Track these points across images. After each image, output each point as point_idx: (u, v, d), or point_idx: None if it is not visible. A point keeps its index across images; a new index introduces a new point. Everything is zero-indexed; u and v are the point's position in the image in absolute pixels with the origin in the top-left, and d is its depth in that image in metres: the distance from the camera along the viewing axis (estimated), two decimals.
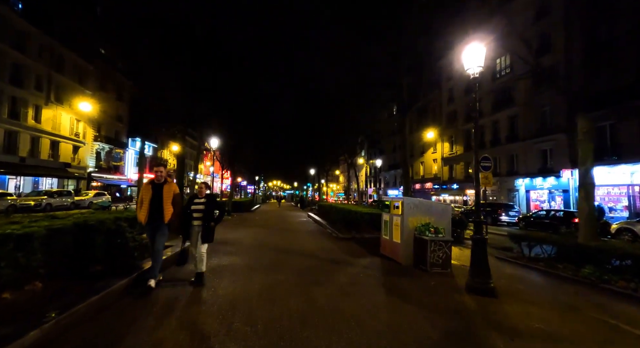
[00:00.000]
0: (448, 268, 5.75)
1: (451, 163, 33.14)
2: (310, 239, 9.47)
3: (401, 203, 6.34)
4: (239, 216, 18.39)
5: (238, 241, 8.54)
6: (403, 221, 6.25)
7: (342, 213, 11.82)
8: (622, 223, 12.31)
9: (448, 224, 6.34)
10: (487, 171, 10.01)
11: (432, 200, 24.11)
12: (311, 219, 17.31)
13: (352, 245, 8.43)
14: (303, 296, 4.03)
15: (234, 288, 4.19)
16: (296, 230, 11.97)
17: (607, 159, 17.23)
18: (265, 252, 7.01)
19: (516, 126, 24.26)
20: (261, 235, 10.17)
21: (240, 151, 23.50)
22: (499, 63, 26.32)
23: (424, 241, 5.81)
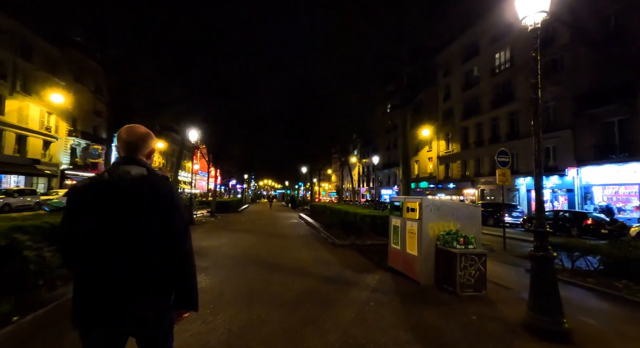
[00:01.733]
0: (483, 289, 4.40)
1: (447, 162, 32.17)
2: (303, 247, 8.02)
3: (418, 205, 4.96)
4: (224, 217, 16.79)
5: (214, 250, 7.03)
6: (421, 227, 4.87)
7: (339, 214, 10.41)
8: None
9: (478, 231, 5.00)
10: (504, 167, 8.76)
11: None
12: (303, 221, 15.86)
13: (353, 255, 7.02)
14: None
15: (185, 342, 2.71)
16: (286, 234, 10.50)
17: (616, 157, 16.34)
18: (245, 268, 5.52)
19: (517, 123, 23.34)
20: (244, 241, 8.67)
21: (228, 148, 21.86)
22: (499, 57, 25.38)
23: (452, 255, 4.44)
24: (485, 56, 26.60)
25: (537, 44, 3.57)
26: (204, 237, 8.89)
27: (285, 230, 11.96)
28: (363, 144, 51.76)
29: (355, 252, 7.31)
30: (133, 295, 1.20)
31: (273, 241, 8.80)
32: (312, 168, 34.89)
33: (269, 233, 10.80)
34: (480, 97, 27.17)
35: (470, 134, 28.37)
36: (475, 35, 27.41)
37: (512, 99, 23.51)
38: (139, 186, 1.26)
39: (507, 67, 24.23)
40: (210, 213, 17.48)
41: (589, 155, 17.70)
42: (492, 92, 25.72)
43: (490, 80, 25.98)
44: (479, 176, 27.02)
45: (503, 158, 8.80)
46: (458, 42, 28.70)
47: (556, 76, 20.04)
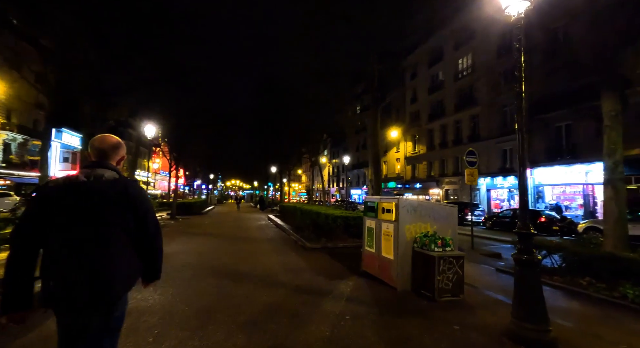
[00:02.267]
0: (460, 293, 4.21)
1: (414, 163, 33.17)
2: (271, 252, 7.46)
3: (395, 206, 4.67)
4: (186, 220, 15.59)
5: (168, 259, 6.24)
6: (398, 229, 4.59)
7: (310, 216, 9.98)
8: (589, 222, 12.21)
9: (454, 232, 4.83)
10: (472, 167, 8.90)
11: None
12: (272, 223, 15.20)
13: (325, 259, 6.61)
14: None
15: None
16: (253, 238, 9.84)
17: (564, 159, 17.73)
18: (204, 279, 4.87)
19: (478, 125, 24.57)
20: (206, 247, 7.90)
21: (191, 146, 20.47)
22: (461, 63, 26.61)
23: (430, 259, 4.20)
24: (449, 61, 27.76)
25: (522, 35, 3.39)
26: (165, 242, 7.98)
27: (253, 232, 11.28)
28: (333, 145, 51.99)
29: (327, 256, 6.91)
30: (105, 280, 1.37)
31: (238, 246, 8.13)
32: (282, 168, 34.13)
33: (235, 236, 10.06)
34: (444, 100, 28.32)
35: (436, 136, 29.46)
36: (441, 41, 28.52)
37: (474, 103, 24.72)
38: (113, 188, 1.46)
39: (469, 73, 25.46)
40: (170, 216, 16.16)
41: (541, 157, 19.04)
42: (456, 96, 26.91)
43: (454, 84, 27.15)
44: (444, 176, 28.12)
45: (471, 158, 8.94)
46: (424, 47, 29.71)
47: (513, 83, 21.30)
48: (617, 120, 5.30)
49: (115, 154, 1.62)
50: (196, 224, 13.97)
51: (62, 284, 1.32)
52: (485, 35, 23.61)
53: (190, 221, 15.05)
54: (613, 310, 4.01)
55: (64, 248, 1.34)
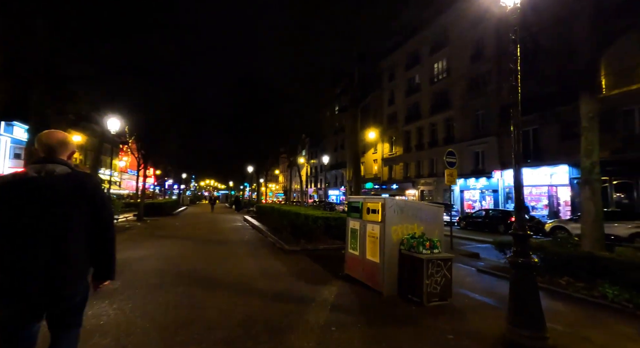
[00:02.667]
0: (448, 297, 4.05)
1: (391, 164, 33.68)
2: (247, 255, 7.00)
3: (381, 206, 4.44)
4: (155, 222, 14.58)
5: (131, 265, 5.61)
6: (384, 231, 4.36)
7: (288, 216, 9.59)
8: (556, 222, 12.84)
9: (441, 233, 4.69)
10: (452, 167, 8.96)
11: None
12: (248, 224, 14.60)
13: (305, 262, 6.28)
14: None
15: None
16: (228, 240, 9.28)
17: (531, 162, 18.66)
18: (172, 288, 4.35)
19: (452, 128, 25.32)
20: (175, 251, 7.28)
21: (162, 143, 19.26)
22: (437, 67, 27.36)
23: (418, 262, 4.00)
24: (425, 64, 28.44)
25: (517, 26, 3.25)
26: (122, 247, 7.22)
27: (228, 234, 10.68)
28: (311, 145, 51.75)
29: (307, 258, 6.58)
30: (56, 272, 1.40)
31: (212, 250, 7.57)
32: (259, 167, 33.29)
33: (208, 239, 9.43)
34: (421, 103, 28.97)
35: (412, 137, 30.07)
36: (418, 45, 29.22)
37: (449, 107, 25.47)
38: (66, 182, 1.48)
39: (445, 77, 26.22)
40: (137, 217, 15.04)
41: (510, 159, 19.85)
42: (432, 99, 27.61)
43: (430, 87, 27.85)
44: (419, 178, 28.75)
45: (451, 159, 9.00)
46: (402, 50, 30.29)
47: (485, 88, 22.20)
48: (594, 122, 5.44)
49: (64, 149, 1.59)
50: (166, 226, 13.07)
51: (17, 278, 1.35)
52: (459, 42, 24.42)
53: (160, 223, 14.08)
54: (595, 310, 4.02)
55: (17, 244, 1.36)
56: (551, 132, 17.59)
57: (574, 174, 16.37)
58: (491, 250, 8.63)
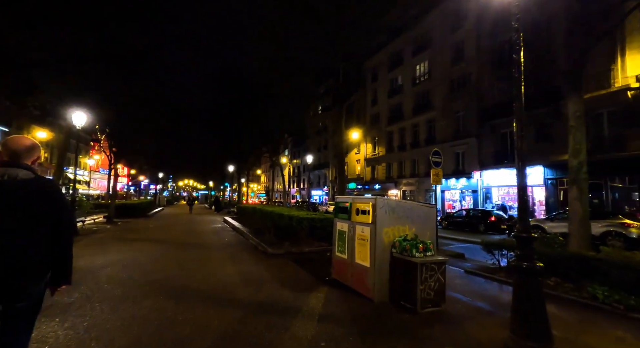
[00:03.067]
0: (442, 303, 3.84)
1: (373, 164, 33.84)
2: (227, 259, 6.54)
3: (372, 207, 4.18)
4: (126, 224, 13.65)
5: (94, 273, 5.03)
6: (375, 233, 4.09)
7: (271, 218, 9.18)
8: (533, 221, 13.19)
9: (433, 235, 4.49)
10: (437, 167, 8.90)
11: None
12: (228, 225, 14.00)
13: (290, 267, 5.92)
14: None
15: None
16: (206, 244, 8.73)
17: (509, 162, 19.23)
18: (139, 300, 3.86)
19: (434, 129, 25.72)
20: (147, 256, 6.69)
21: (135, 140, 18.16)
22: (419, 69, 27.73)
23: (411, 266, 3.76)
24: (408, 66, 28.77)
25: (519, 14, 3.07)
26: (86, 253, 6.54)
27: (206, 237, 10.10)
28: (294, 145, 51.25)
29: (291, 263, 6.22)
30: (15, 273, 1.45)
31: (188, 254, 7.03)
32: (240, 167, 32.42)
33: (184, 242, 8.83)
34: (403, 104, 29.28)
35: (395, 138, 30.33)
36: (401, 46, 29.52)
37: (430, 108, 25.86)
38: (28, 188, 1.54)
39: (426, 78, 26.61)
40: (107, 219, 14.03)
41: (490, 160, 20.42)
42: (414, 100, 27.95)
43: (412, 89, 28.19)
44: (402, 178, 29.03)
45: (437, 158, 8.94)
46: (385, 50, 30.49)
47: (465, 90, 22.68)
48: (581, 121, 5.47)
49: (29, 155, 1.65)
50: (139, 228, 12.24)
51: None
52: (441, 44, 24.86)
53: (132, 225, 13.19)
54: (587, 312, 3.95)
55: None
56: (528, 134, 18.14)
57: (549, 175, 17.00)
58: (475, 250, 8.65)
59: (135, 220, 15.91)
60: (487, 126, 20.60)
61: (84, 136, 44.04)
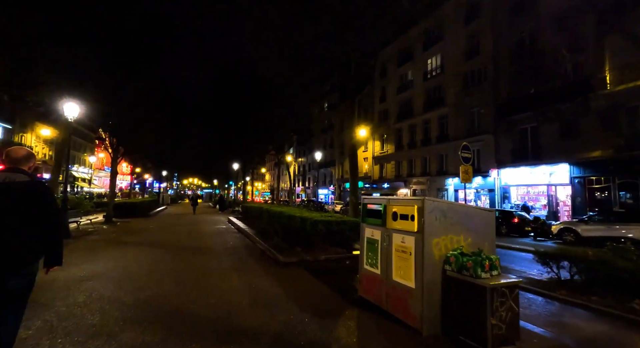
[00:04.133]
0: (516, 340, 2.90)
1: (382, 162, 32.83)
2: (232, 270, 5.65)
3: (417, 210, 3.24)
4: (125, 224, 12.88)
5: (75, 286, 4.17)
6: (423, 245, 3.16)
7: (279, 219, 8.28)
8: (564, 223, 12.11)
9: (493, 247, 3.54)
10: (467, 163, 7.92)
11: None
12: (233, 226, 13.15)
13: (306, 279, 5.01)
14: None
15: None
16: (208, 248, 7.86)
17: (528, 160, 18.10)
18: (118, 333, 2.96)
19: (446, 126, 24.63)
20: (140, 264, 5.83)
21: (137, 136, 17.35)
22: (430, 63, 26.62)
23: (477, 290, 2.82)
24: (418, 60, 27.66)
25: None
26: (71, 260, 5.69)
27: (209, 240, 9.24)
28: (299, 143, 50.36)
29: (306, 273, 5.32)
30: (13, 253, 1.84)
31: (187, 262, 6.16)
32: (245, 165, 31.64)
33: (184, 246, 7.97)
34: (413, 100, 28.20)
35: (404, 135, 29.27)
36: (411, 40, 28.39)
37: (442, 104, 24.76)
38: (23, 188, 1.96)
39: (438, 73, 25.50)
40: (106, 219, 13.25)
41: (508, 158, 19.30)
42: (425, 96, 26.86)
43: (422, 84, 27.09)
44: (411, 177, 27.99)
45: (466, 153, 7.96)
46: (394, 46, 29.37)
47: (480, 85, 21.55)
48: None
49: (27, 162, 2.12)
50: (137, 229, 11.43)
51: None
52: (454, 36, 23.72)
53: (131, 226, 12.40)
54: None
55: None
56: (551, 130, 17.04)
57: (575, 173, 15.87)
58: (505, 256, 7.67)
59: (135, 219, 15.15)
60: (505, 122, 19.48)
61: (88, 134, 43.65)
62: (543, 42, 17.46)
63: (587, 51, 15.20)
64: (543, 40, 17.47)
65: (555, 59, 16.73)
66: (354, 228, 6.83)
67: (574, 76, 15.79)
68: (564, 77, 16.27)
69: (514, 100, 19.04)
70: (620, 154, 13.85)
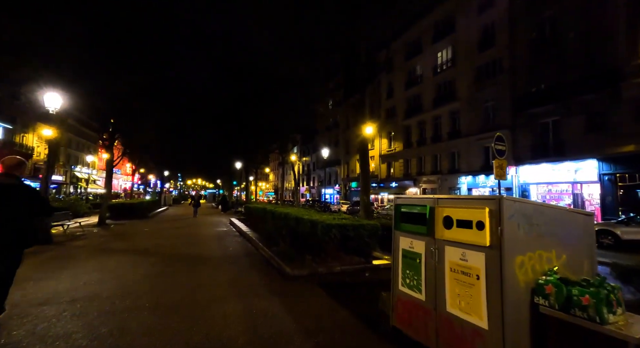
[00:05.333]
0: None
1: (389, 161, 31.72)
2: (229, 287, 4.63)
3: (489, 214, 2.20)
4: (120, 227, 11.97)
5: (24, 315, 3.20)
6: (500, 265, 2.12)
7: (286, 222, 7.28)
8: (599, 225, 10.93)
9: (594, 265, 2.50)
10: (502, 157, 6.85)
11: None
12: (235, 229, 12.19)
13: (321, 300, 3.99)
14: None
15: None
16: (204, 257, 6.86)
17: (550, 157, 16.89)
18: None
19: (458, 122, 23.47)
20: (117, 281, 4.85)
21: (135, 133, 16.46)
22: (441, 56, 25.45)
23: (606, 344, 1.78)
24: (428, 54, 26.51)
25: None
26: (38, 275, 4.73)
27: (206, 246, 8.26)
28: (303, 142, 49.39)
29: (320, 291, 4.30)
30: (11, 240, 2.81)
31: (175, 277, 5.15)
32: (248, 164, 30.76)
33: (177, 254, 6.99)
34: (422, 95, 27.06)
35: (413, 132, 28.15)
36: (419, 32, 27.25)
37: (454, 99, 23.61)
38: (14, 189, 2.87)
39: (450, 66, 24.33)
40: (99, 221, 12.36)
41: (526, 154, 18.10)
42: (435, 91, 25.71)
43: (432, 78, 25.95)
44: (421, 175, 26.86)
45: (500, 145, 6.89)
46: (401, 39, 28.24)
47: (495, 77, 20.37)
48: None
49: (19, 168, 2.98)
50: (131, 233, 10.50)
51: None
52: (466, 27, 22.54)
53: (125, 229, 11.49)
54: None
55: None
56: (576, 123, 15.81)
57: (605, 170, 14.64)
58: None
59: (132, 222, 14.26)
60: (523, 116, 18.27)
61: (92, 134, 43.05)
62: (566, 28, 16.23)
63: (618, 36, 13.96)
64: (566, 26, 16.25)
65: (580, 47, 15.51)
66: (373, 233, 5.81)
67: (603, 64, 14.55)
68: (590, 66, 15.05)
69: (533, 92, 17.84)
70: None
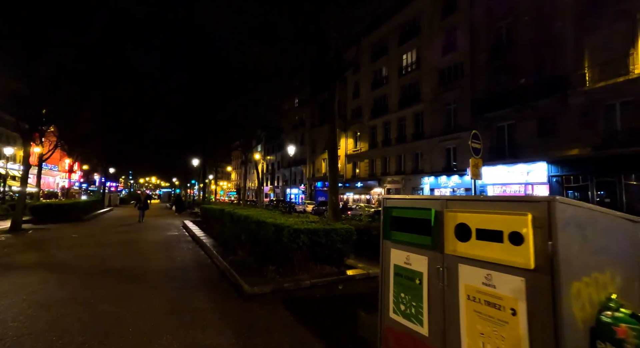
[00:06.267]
0: None
1: (355, 160, 31.72)
2: (167, 316, 3.57)
3: (532, 222, 1.53)
4: (42, 232, 9.92)
5: None
6: (552, 296, 1.47)
7: (247, 226, 6.29)
8: None
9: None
10: (477, 155, 6.57)
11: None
12: (187, 233, 10.78)
13: (287, 328, 3.13)
14: None
15: None
16: (143, 271, 5.60)
17: (506, 159, 17.78)
18: None
19: (422, 123, 23.99)
20: (11, 312, 3.57)
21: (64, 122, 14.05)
22: (406, 58, 25.88)
23: None
24: (393, 55, 26.83)
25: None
26: None
27: (148, 256, 6.93)
28: (267, 140, 47.80)
29: (287, 315, 3.45)
30: None
31: (94, 302, 3.93)
32: (208, 162, 28.68)
33: (105, 269, 5.63)
34: (388, 96, 27.35)
35: (378, 133, 28.35)
36: (385, 34, 27.50)
37: (418, 100, 24.09)
38: None
39: (414, 69, 24.80)
40: (12, 226, 10.11)
41: (485, 156, 18.72)
42: (400, 93, 26.09)
43: (398, 80, 26.30)
44: (386, 175, 27.11)
45: (476, 144, 6.61)
46: (368, 39, 28.30)
47: (457, 81, 21.06)
48: None
49: None
50: (53, 240, 8.65)
51: None
52: (430, 31, 23.10)
53: (47, 235, 9.51)
54: None
55: None
56: (528, 128, 16.78)
57: (553, 172, 15.66)
58: None
59: (61, 225, 12.05)
60: (482, 120, 19.05)
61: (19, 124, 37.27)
62: (521, 36, 17.16)
63: (566, 47, 14.97)
64: (521, 35, 17.17)
65: (533, 55, 16.48)
66: (347, 238, 5.09)
67: (552, 72, 15.56)
68: (541, 74, 16.03)
69: (491, 97, 18.64)
70: (598, 153, 13.70)
